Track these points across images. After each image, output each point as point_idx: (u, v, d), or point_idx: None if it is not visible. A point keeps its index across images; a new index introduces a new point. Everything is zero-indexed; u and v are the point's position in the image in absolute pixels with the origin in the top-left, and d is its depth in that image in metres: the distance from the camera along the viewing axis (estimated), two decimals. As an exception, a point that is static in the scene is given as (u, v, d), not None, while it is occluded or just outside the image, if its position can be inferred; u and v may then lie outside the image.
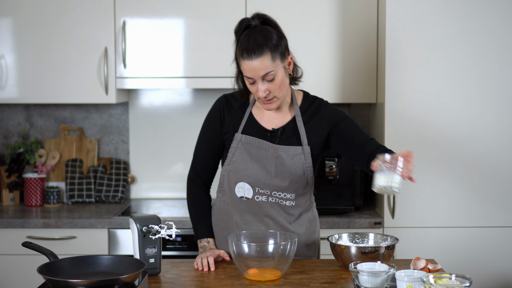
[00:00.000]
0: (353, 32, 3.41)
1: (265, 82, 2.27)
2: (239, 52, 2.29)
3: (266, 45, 2.25)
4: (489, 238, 3.18)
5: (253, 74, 2.26)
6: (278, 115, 2.42)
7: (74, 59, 3.45)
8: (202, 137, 2.49)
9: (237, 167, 2.39)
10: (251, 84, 2.29)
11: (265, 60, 2.25)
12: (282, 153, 2.37)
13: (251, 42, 2.25)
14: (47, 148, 3.78)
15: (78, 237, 3.26)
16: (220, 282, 2.17)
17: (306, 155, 2.38)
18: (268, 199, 2.40)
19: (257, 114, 2.43)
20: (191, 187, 2.52)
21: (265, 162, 2.38)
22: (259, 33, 2.28)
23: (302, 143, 2.38)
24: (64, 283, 1.88)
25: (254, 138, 2.38)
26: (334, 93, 3.43)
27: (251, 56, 2.24)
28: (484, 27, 3.12)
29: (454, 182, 3.18)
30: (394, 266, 2.04)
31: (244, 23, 2.33)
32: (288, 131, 2.39)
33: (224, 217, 2.49)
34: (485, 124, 3.16)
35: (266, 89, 2.28)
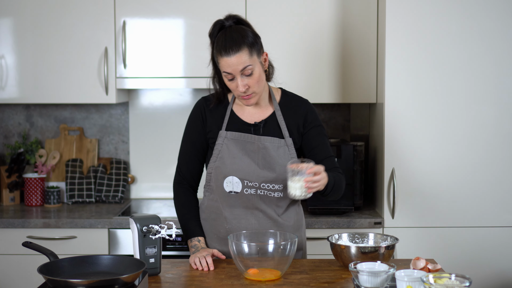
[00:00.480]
0: (353, 32, 3.41)
1: (244, 77, 2.35)
2: (216, 51, 2.37)
3: (243, 42, 2.34)
4: (489, 238, 3.18)
5: (232, 70, 2.33)
6: (258, 110, 2.49)
7: (74, 59, 3.45)
8: (185, 140, 2.55)
9: (225, 162, 2.44)
10: (230, 80, 2.37)
11: (243, 55, 2.33)
12: (267, 144, 2.43)
13: (228, 40, 2.34)
14: (47, 148, 3.78)
15: (78, 237, 3.26)
16: (220, 282, 2.17)
17: (290, 146, 2.45)
18: (257, 191, 2.44)
19: (238, 110, 2.50)
20: (178, 190, 2.56)
21: (252, 155, 2.43)
22: (235, 31, 2.37)
23: (284, 136, 2.45)
24: (64, 283, 1.88)
25: (239, 133, 2.45)
26: (334, 93, 3.43)
27: (229, 52, 2.32)
28: (484, 27, 3.13)
29: (454, 182, 3.18)
30: (394, 266, 2.04)
31: (218, 24, 2.42)
32: (270, 124, 2.47)
33: (212, 215, 2.51)
34: (485, 124, 3.16)
35: (246, 84, 2.35)
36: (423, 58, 3.15)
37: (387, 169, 3.20)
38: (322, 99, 3.44)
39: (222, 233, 2.48)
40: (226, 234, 2.47)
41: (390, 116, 3.18)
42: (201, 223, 2.54)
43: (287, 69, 3.41)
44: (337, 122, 3.81)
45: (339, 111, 3.81)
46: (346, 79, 3.43)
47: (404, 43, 3.15)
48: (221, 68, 2.36)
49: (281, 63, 3.32)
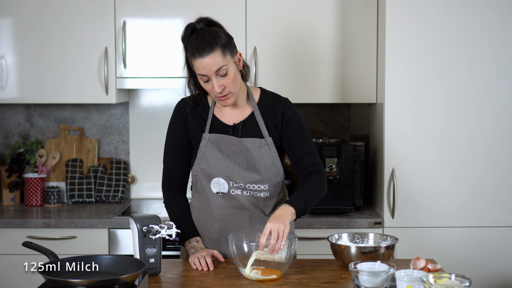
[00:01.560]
0: (353, 32, 3.41)
1: (219, 77, 2.34)
2: (190, 53, 2.36)
3: (215, 43, 2.33)
4: (489, 238, 3.18)
5: (206, 71, 2.33)
6: (237, 111, 2.49)
7: (74, 59, 3.45)
8: (169, 142, 2.54)
9: (210, 163, 2.44)
10: (206, 82, 2.36)
11: (216, 56, 2.32)
12: (249, 145, 2.43)
13: (201, 42, 2.34)
14: (47, 148, 3.78)
15: (78, 237, 3.26)
16: (220, 282, 2.17)
17: (270, 145, 2.45)
18: (243, 192, 2.44)
19: (218, 113, 2.50)
20: (168, 193, 2.55)
21: (235, 157, 2.44)
22: (207, 33, 2.36)
23: (263, 136, 2.44)
24: (64, 283, 1.88)
25: (222, 135, 2.45)
26: (334, 93, 3.43)
27: (203, 54, 2.32)
28: (484, 27, 3.13)
29: (454, 182, 3.18)
30: (394, 266, 2.04)
31: (190, 28, 2.40)
32: (249, 125, 2.46)
33: (202, 215, 2.51)
34: (485, 124, 3.16)
35: (221, 85, 2.35)
36: (423, 58, 3.15)
37: (387, 169, 3.20)
38: (322, 99, 3.44)
39: (212, 233, 2.48)
40: (216, 235, 2.48)
41: (390, 116, 3.18)
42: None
43: (287, 69, 3.41)
44: (337, 122, 3.81)
45: (339, 111, 3.81)
46: (346, 79, 3.43)
47: (404, 43, 3.15)
48: (196, 70, 2.37)
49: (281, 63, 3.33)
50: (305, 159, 2.43)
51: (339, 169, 3.35)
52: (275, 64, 3.42)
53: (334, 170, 3.34)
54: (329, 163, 3.34)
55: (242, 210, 2.46)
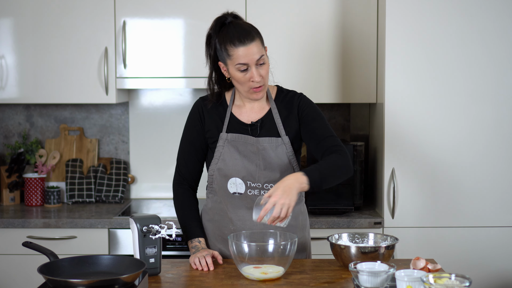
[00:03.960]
0: (353, 32, 3.41)
1: (258, 67, 2.35)
2: (227, 42, 2.33)
3: (254, 32, 2.36)
4: (489, 238, 3.18)
5: (249, 59, 2.32)
6: (255, 109, 2.48)
7: (74, 59, 3.45)
8: (184, 141, 2.54)
9: (227, 163, 2.43)
10: (243, 71, 2.34)
11: (258, 44, 2.34)
12: (266, 144, 2.42)
13: (240, 30, 2.34)
14: (47, 148, 3.78)
15: (78, 237, 3.26)
16: (220, 282, 2.17)
17: (287, 144, 2.43)
18: (260, 192, 2.43)
19: (236, 111, 2.48)
20: (178, 190, 2.54)
21: (253, 157, 2.42)
22: (243, 23, 2.38)
23: (280, 134, 2.43)
24: (64, 283, 1.88)
25: (239, 135, 2.44)
26: (334, 93, 3.43)
27: (245, 42, 2.31)
28: (484, 27, 3.13)
29: (454, 182, 3.18)
30: (394, 266, 2.04)
31: (219, 21, 2.40)
32: (266, 123, 2.45)
33: (217, 216, 2.50)
34: (484, 124, 3.16)
35: (259, 74, 2.35)
36: (423, 58, 3.15)
37: (387, 169, 3.20)
38: (322, 99, 3.44)
39: (227, 234, 2.46)
40: None
41: (390, 116, 3.18)
42: (206, 224, 2.53)
43: (287, 69, 3.41)
44: (337, 122, 3.81)
45: (339, 111, 3.81)
46: (346, 79, 3.43)
47: (404, 43, 3.15)
48: (235, 59, 2.33)
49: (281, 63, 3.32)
50: (325, 141, 2.38)
51: (339, 169, 3.34)
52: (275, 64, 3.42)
53: (334, 170, 3.34)
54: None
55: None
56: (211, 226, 2.52)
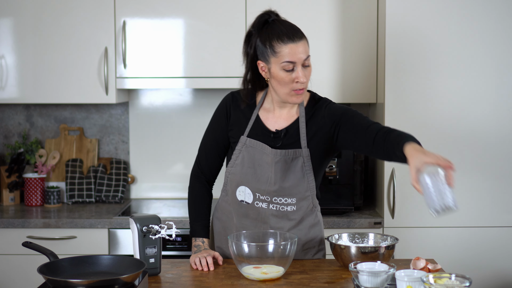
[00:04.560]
0: (353, 32, 3.41)
1: (303, 68, 2.25)
2: (274, 38, 2.24)
3: (301, 31, 2.28)
4: (489, 238, 3.18)
5: (297, 58, 2.23)
6: (284, 116, 2.38)
7: (74, 59, 3.45)
8: (208, 134, 2.48)
9: (240, 170, 2.38)
10: (288, 71, 2.24)
11: (305, 44, 2.26)
12: (282, 157, 2.33)
13: (288, 27, 2.26)
14: (47, 148, 3.78)
15: (78, 237, 3.26)
16: (220, 282, 2.17)
17: (306, 157, 2.34)
18: (268, 206, 2.38)
19: (263, 115, 2.39)
20: (194, 184, 2.50)
21: (266, 168, 2.35)
22: (289, 22, 2.29)
23: (301, 146, 2.34)
24: (64, 283, 1.88)
25: (258, 142, 2.35)
26: (334, 93, 3.43)
27: (294, 39, 2.23)
28: (484, 27, 3.13)
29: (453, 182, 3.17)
30: (394, 266, 2.04)
31: (263, 17, 2.33)
32: (290, 133, 2.36)
33: (224, 217, 2.49)
34: (484, 124, 3.16)
35: (305, 76, 2.25)
36: (423, 58, 3.15)
37: (387, 169, 3.20)
38: (322, 99, 3.44)
39: None
40: None
41: (390, 116, 3.18)
42: (214, 221, 2.52)
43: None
44: (337, 122, 3.81)
45: (339, 111, 3.81)
46: (346, 79, 3.43)
47: (404, 43, 3.15)
48: (281, 57, 2.23)
49: (281, 63, 3.32)
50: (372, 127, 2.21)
51: (339, 169, 3.35)
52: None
53: (334, 170, 3.34)
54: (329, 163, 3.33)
55: (262, 224, 2.39)
56: (218, 224, 2.51)
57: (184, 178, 3.77)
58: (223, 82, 3.42)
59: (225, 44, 3.42)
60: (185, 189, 2.58)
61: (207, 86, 3.47)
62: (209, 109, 3.79)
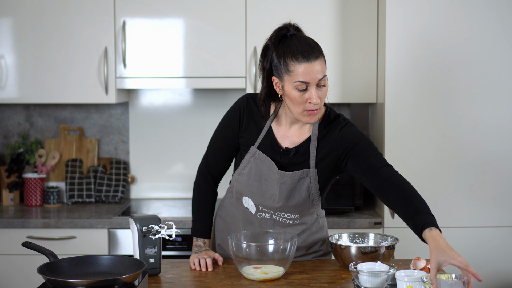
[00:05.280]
0: (353, 32, 3.41)
1: (317, 88, 2.16)
2: (288, 56, 2.14)
3: (319, 49, 2.17)
4: (489, 238, 3.18)
5: (310, 78, 2.13)
6: (295, 132, 2.31)
7: (74, 59, 3.45)
8: (218, 135, 2.41)
9: (246, 181, 2.34)
10: (301, 91, 2.14)
11: (322, 63, 2.16)
12: (287, 179, 2.29)
13: (305, 45, 2.14)
14: (47, 148, 3.78)
15: (78, 237, 3.26)
16: (220, 282, 2.17)
17: (313, 178, 2.28)
18: (271, 217, 2.37)
19: (275, 128, 2.32)
20: (200, 183, 2.46)
21: (272, 184, 2.31)
22: (307, 38, 2.18)
23: (310, 166, 2.28)
24: (64, 283, 1.88)
25: (266, 158, 2.30)
26: (334, 93, 3.43)
27: (309, 58, 2.12)
28: (484, 27, 3.12)
29: (454, 182, 3.18)
30: (394, 266, 2.04)
31: (281, 31, 2.20)
32: (300, 152, 2.29)
33: (228, 218, 2.48)
34: (485, 124, 3.16)
35: (319, 97, 2.16)
36: (423, 58, 3.14)
37: (387, 169, 3.19)
38: (322, 99, 3.44)
39: None
40: None
41: (390, 116, 3.18)
42: (217, 219, 2.52)
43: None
44: (337, 122, 3.81)
45: (339, 111, 3.79)
46: (346, 79, 3.43)
47: (404, 43, 3.15)
48: (294, 77, 2.13)
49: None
50: (382, 170, 2.16)
51: (339, 169, 3.35)
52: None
53: (334, 170, 3.34)
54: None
55: (266, 233, 2.34)
56: (222, 223, 2.50)
57: (184, 178, 3.77)
58: (223, 82, 3.42)
59: (225, 44, 3.42)
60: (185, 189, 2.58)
61: (207, 86, 3.47)
62: (209, 109, 3.80)
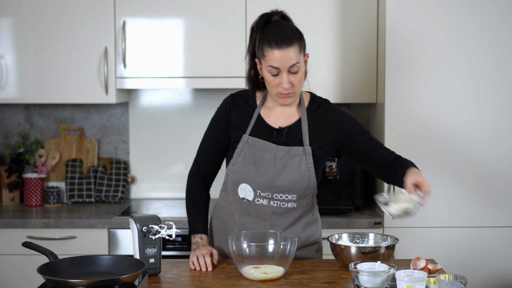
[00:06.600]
0: (353, 32, 3.41)
1: (290, 74, 2.28)
2: (265, 42, 2.28)
3: (295, 37, 2.29)
4: (489, 238, 3.18)
5: (280, 64, 2.26)
6: (286, 114, 2.41)
7: (74, 59, 3.45)
8: (207, 136, 2.49)
9: (241, 168, 2.39)
10: (274, 75, 2.29)
11: (294, 50, 2.27)
12: (284, 154, 2.36)
13: (280, 33, 2.28)
14: (47, 148, 3.78)
15: (78, 237, 3.26)
16: (220, 282, 2.17)
17: (307, 155, 2.37)
18: (269, 202, 2.39)
19: (265, 114, 2.42)
20: (192, 183, 2.51)
21: (268, 165, 2.37)
22: (286, 26, 2.31)
23: (303, 144, 2.38)
24: (64, 283, 1.88)
25: (260, 140, 2.38)
26: (334, 93, 3.43)
27: (281, 45, 2.26)
28: (484, 27, 3.13)
29: (454, 182, 3.18)
30: (394, 266, 2.04)
31: (265, 17, 2.36)
32: (293, 131, 2.39)
33: (224, 216, 2.50)
34: (485, 124, 3.16)
35: (290, 82, 2.29)
36: (423, 58, 3.14)
37: (387, 169, 3.20)
38: (322, 99, 3.44)
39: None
40: None
41: (390, 116, 3.18)
42: (213, 221, 2.54)
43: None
44: (337, 122, 3.81)
45: (339, 111, 3.81)
46: (346, 79, 3.43)
47: (404, 43, 3.15)
48: (267, 61, 2.28)
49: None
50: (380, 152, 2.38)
51: (339, 169, 3.35)
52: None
53: (334, 170, 3.34)
54: (329, 163, 3.34)
55: (263, 222, 2.41)
56: (218, 224, 2.52)
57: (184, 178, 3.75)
58: (223, 82, 3.42)
59: (225, 44, 3.42)
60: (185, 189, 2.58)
61: (207, 86, 3.47)
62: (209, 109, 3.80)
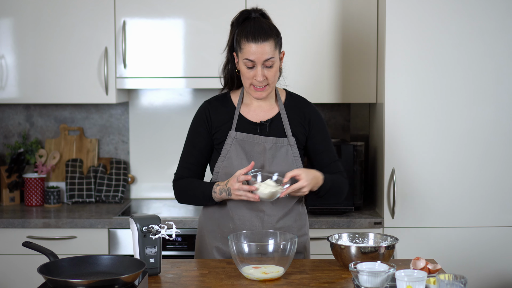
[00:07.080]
0: (353, 32, 3.41)
1: (264, 68, 2.40)
2: (242, 35, 2.39)
3: (271, 33, 2.40)
4: (489, 238, 3.18)
5: (256, 57, 2.37)
6: (264, 109, 2.52)
7: (74, 59, 3.45)
8: (188, 144, 2.55)
9: (233, 162, 2.45)
10: (249, 68, 2.40)
11: (269, 45, 2.38)
12: (272, 144, 2.46)
13: (258, 27, 2.39)
14: (47, 148, 3.78)
15: (78, 237, 3.26)
16: (220, 282, 2.17)
17: (292, 145, 2.48)
18: None
19: (244, 111, 2.52)
20: (176, 182, 2.54)
21: (258, 157, 2.45)
22: (264, 22, 2.43)
23: (287, 135, 2.48)
24: (64, 283, 1.88)
25: (247, 135, 2.47)
26: (334, 93, 3.43)
27: (257, 40, 2.37)
28: (484, 27, 3.13)
29: (454, 182, 3.18)
30: (394, 266, 2.04)
31: (244, 14, 2.47)
32: (275, 123, 2.50)
33: (217, 214, 2.52)
34: (484, 124, 3.16)
35: (264, 75, 2.40)
36: (423, 58, 3.15)
37: (387, 169, 3.20)
38: (322, 99, 3.44)
39: (226, 232, 2.48)
40: (230, 233, 2.46)
41: (390, 116, 3.18)
42: (205, 222, 2.55)
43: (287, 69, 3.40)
44: (337, 122, 3.81)
45: (339, 111, 3.81)
46: (346, 79, 3.43)
47: (404, 43, 3.15)
48: (244, 54, 2.39)
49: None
50: (331, 167, 2.53)
51: (339, 169, 3.35)
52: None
53: (334, 170, 3.34)
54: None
55: (258, 213, 2.46)
56: (210, 223, 2.53)
57: (184, 178, 3.77)
58: (223, 82, 3.42)
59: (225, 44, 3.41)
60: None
61: (207, 86, 3.47)
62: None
